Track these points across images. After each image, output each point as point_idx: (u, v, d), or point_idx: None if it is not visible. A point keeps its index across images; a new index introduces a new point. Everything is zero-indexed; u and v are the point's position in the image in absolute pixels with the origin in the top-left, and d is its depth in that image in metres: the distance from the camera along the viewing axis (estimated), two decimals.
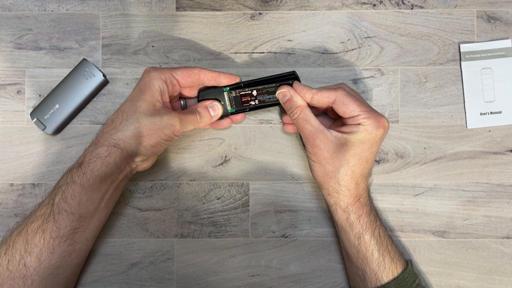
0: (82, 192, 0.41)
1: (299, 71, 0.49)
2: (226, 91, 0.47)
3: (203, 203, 0.50)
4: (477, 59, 0.50)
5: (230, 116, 0.48)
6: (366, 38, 0.50)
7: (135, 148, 0.42)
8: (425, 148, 0.50)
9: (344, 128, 0.43)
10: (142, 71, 0.44)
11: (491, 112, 0.50)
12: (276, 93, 0.46)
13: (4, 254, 0.41)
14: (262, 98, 0.47)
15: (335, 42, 0.50)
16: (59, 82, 0.49)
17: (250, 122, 0.50)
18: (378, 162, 0.50)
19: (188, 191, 0.50)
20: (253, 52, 0.50)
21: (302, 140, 0.47)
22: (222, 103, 0.47)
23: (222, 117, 0.47)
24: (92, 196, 0.42)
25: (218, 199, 0.50)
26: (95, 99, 0.50)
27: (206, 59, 0.50)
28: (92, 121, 0.50)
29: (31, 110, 0.49)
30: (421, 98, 0.50)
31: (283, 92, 0.45)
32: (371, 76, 0.50)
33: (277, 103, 0.46)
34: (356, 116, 0.42)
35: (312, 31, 0.50)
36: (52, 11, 0.50)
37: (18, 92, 0.50)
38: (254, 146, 0.50)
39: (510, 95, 0.50)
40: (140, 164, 0.44)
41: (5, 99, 0.50)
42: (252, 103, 0.47)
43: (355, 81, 0.50)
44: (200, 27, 0.50)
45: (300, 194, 0.50)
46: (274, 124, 0.50)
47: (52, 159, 0.49)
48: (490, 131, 0.50)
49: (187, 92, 0.47)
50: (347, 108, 0.42)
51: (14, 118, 0.50)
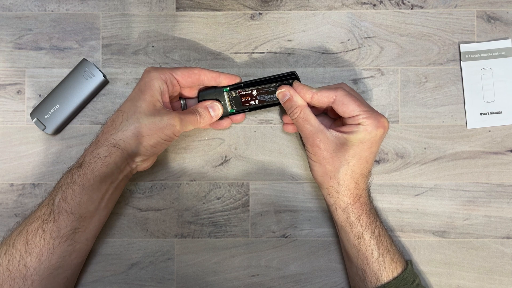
0: (82, 192, 0.41)
1: (299, 71, 0.49)
2: (226, 91, 0.47)
3: (203, 203, 0.50)
4: (477, 59, 0.50)
5: (230, 116, 0.48)
6: (366, 38, 0.50)
7: (135, 148, 0.42)
8: (425, 148, 0.50)
9: (344, 128, 0.43)
10: (142, 71, 0.44)
11: (491, 112, 0.50)
12: (276, 93, 0.46)
13: (4, 254, 0.41)
14: (262, 98, 0.47)
15: (335, 42, 0.50)
16: (59, 82, 0.49)
17: (250, 122, 0.50)
18: (378, 162, 0.50)
19: (188, 191, 0.50)
20: (253, 52, 0.50)
21: (302, 140, 0.47)
22: (222, 103, 0.47)
23: (222, 117, 0.47)
24: (92, 196, 0.42)
25: (218, 199, 0.50)
26: (95, 99, 0.50)
27: (206, 59, 0.50)
28: (92, 121, 0.50)
29: (31, 110, 0.49)
30: (421, 98, 0.50)
31: (283, 92, 0.45)
32: (371, 76, 0.50)
33: (277, 103, 0.46)
34: (356, 116, 0.42)
35: (312, 31, 0.50)
36: (52, 11, 0.50)
37: (18, 92, 0.50)
38: (254, 146, 0.50)
39: (510, 95, 0.50)
40: (140, 164, 0.44)
41: (5, 99, 0.50)
42: (252, 103, 0.47)
43: (355, 81, 0.50)
44: (200, 27, 0.50)
45: (300, 194, 0.50)
46: (274, 124, 0.50)
47: (52, 159, 0.49)
48: (490, 131, 0.50)
49: (187, 92, 0.47)
50: (347, 108, 0.42)
51: (14, 118, 0.50)
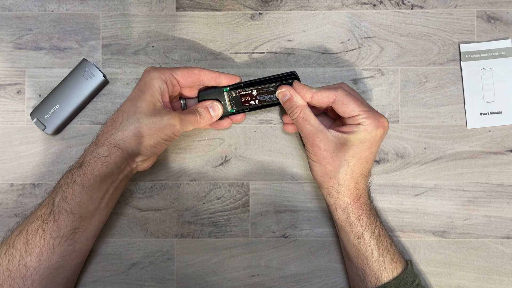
0: (82, 192, 0.41)
1: (299, 71, 0.49)
2: (226, 91, 0.47)
3: (203, 203, 0.50)
4: (477, 59, 0.50)
5: (230, 116, 0.48)
6: (366, 38, 0.50)
7: (136, 148, 0.42)
8: (425, 148, 0.50)
9: (344, 128, 0.43)
10: (142, 71, 0.44)
11: (491, 112, 0.50)
12: (276, 93, 0.46)
13: (4, 254, 0.41)
14: (262, 98, 0.47)
15: (335, 42, 0.50)
16: (59, 82, 0.49)
17: (250, 122, 0.50)
18: (378, 162, 0.50)
19: (188, 191, 0.50)
20: (253, 52, 0.50)
21: (302, 140, 0.47)
22: (222, 103, 0.47)
23: (222, 117, 0.47)
24: (93, 196, 0.42)
25: (218, 199, 0.50)
26: (95, 99, 0.50)
27: (206, 59, 0.50)
28: (92, 121, 0.50)
29: (31, 110, 0.49)
30: (421, 98, 0.50)
31: (283, 92, 0.45)
32: (371, 76, 0.50)
33: (277, 103, 0.46)
34: (356, 116, 0.42)
35: (312, 31, 0.50)
36: (52, 11, 0.50)
37: (18, 92, 0.50)
38: (254, 146, 0.50)
39: (510, 95, 0.50)
40: (141, 164, 0.44)
41: (5, 99, 0.50)
42: (252, 103, 0.47)
43: (355, 81, 0.50)
44: (200, 27, 0.50)
45: (300, 194, 0.50)
46: (274, 124, 0.50)
47: (52, 159, 0.49)
48: (490, 131, 0.50)
49: (187, 92, 0.47)
50: (347, 108, 0.42)
51: (14, 118, 0.50)
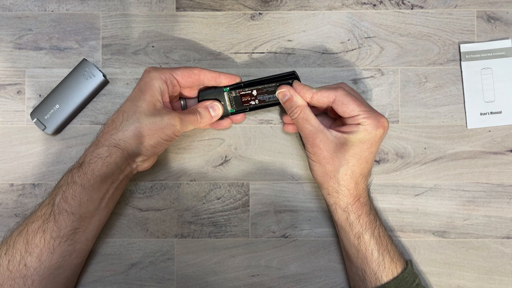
0: (82, 192, 0.41)
1: (299, 71, 0.49)
2: (226, 91, 0.47)
3: (203, 203, 0.50)
4: (477, 59, 0.50)
5: (230, 116, 0.48)
6: (366, 38, 0.50)
7: (136, 148, 0.42)
8: (425, 148, 0.50)
9: (344, 128, 0.43)
10: (142, 71, 0.44)
11: (491, 112, 0.50)
12: (276, 92, 0.46)
13: (5, 254, 0.41)
14: (262, 98, 0.47)
15: (335, 42, 0.50)
16: (59, 82, 0.49)
17: (250, 122, 0.50)
18: (378, 162, 0.50)
19: (188, 191, 0.50)
20: (253, 52, 0.50)
21: (302, 140, 0.47)
22: (222, 103, 0.47)
23: (222, 117, 0.47)
24: (93, 196, 0.42)
25: (218, 199, 0.50)
26: (95, 99, 0.50)
27: (206, 59, 0.50)
28: (92, 121, 0.50)
29: (31, 110, 0.49)
30: (421, 98, 0.50)
31: (283, 92, 0.45)
32: (371, 76, 0.50)
33: (277, 103, 0.46)
34: (355, 115, 0.42)
35: (312, 31, 0.50)
36: (52, 11, 0.50)
37: (18, 92, 0.50)
38: (254, 146, 0.50)
39: (510, 95, 0.50)
40: (141, 164, 0.44)
41: (5, 99, 0.50)
42: (252, 103, 0.47)
43: (355, 81, 0.50)
44: (200, 27, 0.50)
45: (300, 194, 0.50)
46: (274, 124, 0.50)
47: (52, 159, 0.49)
48: (490, 131, 0.50)
49: (187, 92, 0.47)
50: (346, 107, 0.42)
51: (14, 118, 0.50)
